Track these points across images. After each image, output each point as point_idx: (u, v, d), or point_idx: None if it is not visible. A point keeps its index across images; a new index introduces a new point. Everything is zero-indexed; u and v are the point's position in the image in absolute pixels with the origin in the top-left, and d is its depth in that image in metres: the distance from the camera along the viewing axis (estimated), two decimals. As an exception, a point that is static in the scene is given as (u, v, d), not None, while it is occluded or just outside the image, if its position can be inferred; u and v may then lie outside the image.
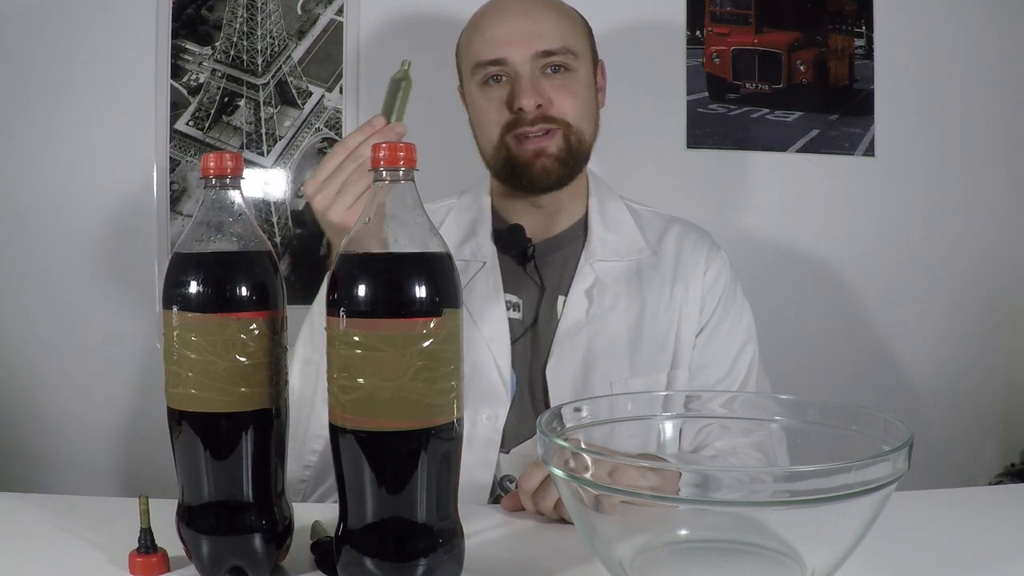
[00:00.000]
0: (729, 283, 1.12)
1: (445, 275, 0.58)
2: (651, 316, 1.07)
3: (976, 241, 1.73)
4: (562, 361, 1.05)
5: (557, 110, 1.02)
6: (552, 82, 1.03)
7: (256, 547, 0.63)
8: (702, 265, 1.11)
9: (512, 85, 1.02)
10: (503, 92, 1.03)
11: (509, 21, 1.03)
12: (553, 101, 1.02)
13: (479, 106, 1.06)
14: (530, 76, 1.01)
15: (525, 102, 1.00)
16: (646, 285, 1.08)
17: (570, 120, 1.03)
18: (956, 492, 0.89)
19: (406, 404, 0.56)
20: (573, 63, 1.04)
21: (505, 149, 1.04)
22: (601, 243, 1.10)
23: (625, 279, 1.08)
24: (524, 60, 1.01)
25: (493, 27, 1.04)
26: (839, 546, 0.55)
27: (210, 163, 0.63)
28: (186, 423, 0.62)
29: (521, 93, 1.00)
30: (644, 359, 1.05)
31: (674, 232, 1.14)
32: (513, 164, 1.04)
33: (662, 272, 1.10)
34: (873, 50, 1.66)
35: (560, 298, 1.08)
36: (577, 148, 1.05)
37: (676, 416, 0.75)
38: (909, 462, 0.54)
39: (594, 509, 0.57)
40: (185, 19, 1.54)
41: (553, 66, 1.03)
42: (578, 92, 1.04)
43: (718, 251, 1.14)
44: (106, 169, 1.54)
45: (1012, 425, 1.76)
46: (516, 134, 1.03)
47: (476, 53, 1.04)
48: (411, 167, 0.59)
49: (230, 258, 0.63)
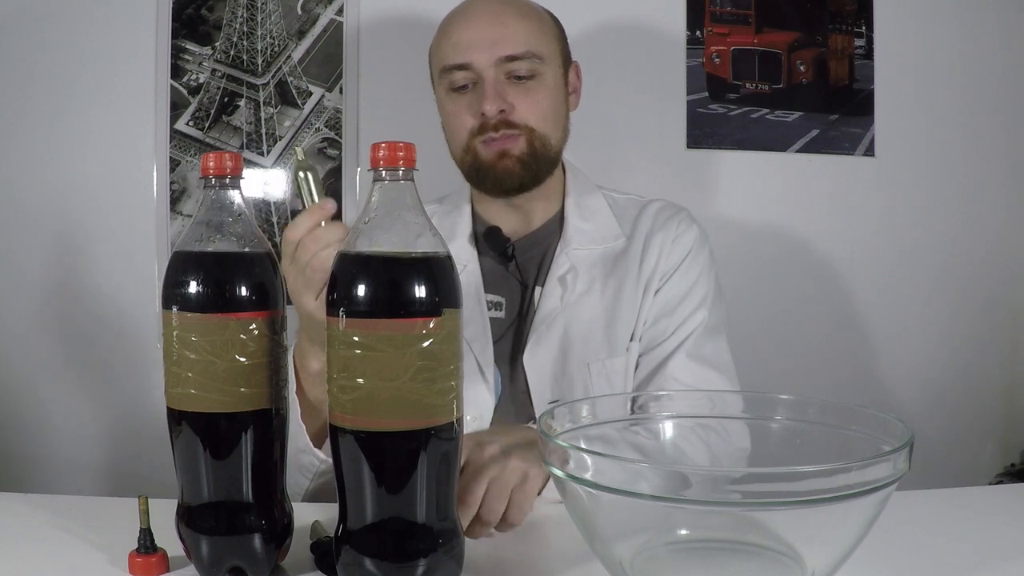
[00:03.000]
0: (694, 250, 1.10)
1: (445, 275, 0.58)
2: (626, 296, 1.07)
3: (976, 241, 1.72)
4: (539, 348, 1.06)
5: (519, 116, 1.03)
6: (516, 88, 1.03)
7: (256, 547, 0.63)
8: (672, 234, 1.11)
9: (477, 91, 1.03)
10: (470, 98, 1.04)
11: (475, 26, 1.04)
12: (516, 107, 1.03)
13: (448, 111, 1.08)
14: (494, 82, 1.02)
15: (488, 107, 1.01)
16: (620, 267, 1.09)
17: (533, 125, 1.04)
18: (956, 492, 0.89)
19: (406, 404, 0.56)
20: (539, 68, 1.04)
21: (472, 153, 1.05)
22: (577, 232, 1.11)
23: (601, 264, 1.09)
24: (488, 65, 1.02)
25: (459, 31, 1.05)
26: (839, 546, 0.55)
27: (210, 163, 0.63)
28: (186, 423, 0.62)
29: (485, 99, 1.01)
30: (620, 339, 1.06)
31: (649, 212, 1.14)
32: (479, 166, 1.05)
33: (634, 250, 1.10)
34: (873, 50, 1.66)
35: (537, 289, 1.09)
36: (542, 152, 1.06)
37: (677, 416, 0.75)
38: (909, 462, 0.54)
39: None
40: (185, 19, 1.54)
41: (517, 75, 1.03)
42: (542, 99, 1.05)
43: (690, 223, 1.13)
44: (106, 169, 1.54)
45: (1012, 425, 1.76)
46: (484, 139, 1.04)
47: (443, 57, 1.06)
48: (411, 167, 0.59)
49: (230, 258, 0.63)
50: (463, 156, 1.07)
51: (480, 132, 1.04)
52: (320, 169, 1.58)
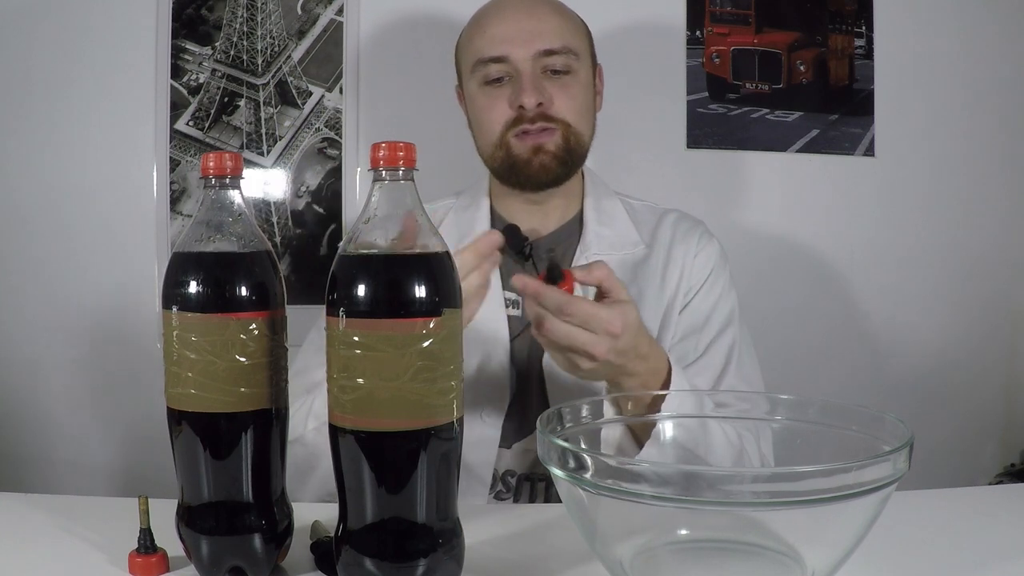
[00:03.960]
0: (717, 267, 1.12)
1: (445, 275, 0.58)
2: (645, 307, 1.07)
3: (976, 241, 1.73)
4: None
5: (557, 110, 1.03)
6: (553, 83, 1.04)
7: (256, 547, 0.63)
8: (693, 250, 1.12)
9: (514, 84, 1.03)
10: (505, 91, 1.04)
11: (511, 19, 1.04)
12: (554, 100, 1.03)
13: (480, 105, 1.07)
14: (532, 75, 1.02)
15: (526, 100, 1.01)
16: (640, 277, 1.09)
17: (569, 120, 1.04)
18: (956, 492, 0.89)
19: (406, 404, 0.56)
20: (574, 64, 1.04)
21: (505, 147, 1.05)
22: (596, 237, 1.11)
23: (620, 272, 1.08)
24: (526, 58, 1.02)
25: (495, 25, 1.04)
26: (839, 546, 0.55)
27: (210, 163, 0.63)
28: (186, 423, 0.62)
29: (523, 91, 1.01)
30: None
31: (667, 223, 1.15)
32: (512, 161, 1.05)
33: (654, 261, 1.10)
34: (873, 50, 1.66)
35: None
36: (575, 148, 1.06)
37: (677, 416, 0.76)
38: (909, 462, 0.54)
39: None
40: (185, 19, 1.54)
41: (554, 69, 1.03)
42: (578, 94, 1.05)
43: (710, 238, 1.15)
44: (106, 169, 1.55)
45: (1012, 425, 1.76)
46: (517, 132, 1.03)
47: (477, 50, 1.05)
48: (411, 167, 0.59)
49: (230, 258, 0.63)
50: (494, 151, 1.06)
51: (515, 124, 1.03)
52: (320, 169, 1.58)
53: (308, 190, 1.57)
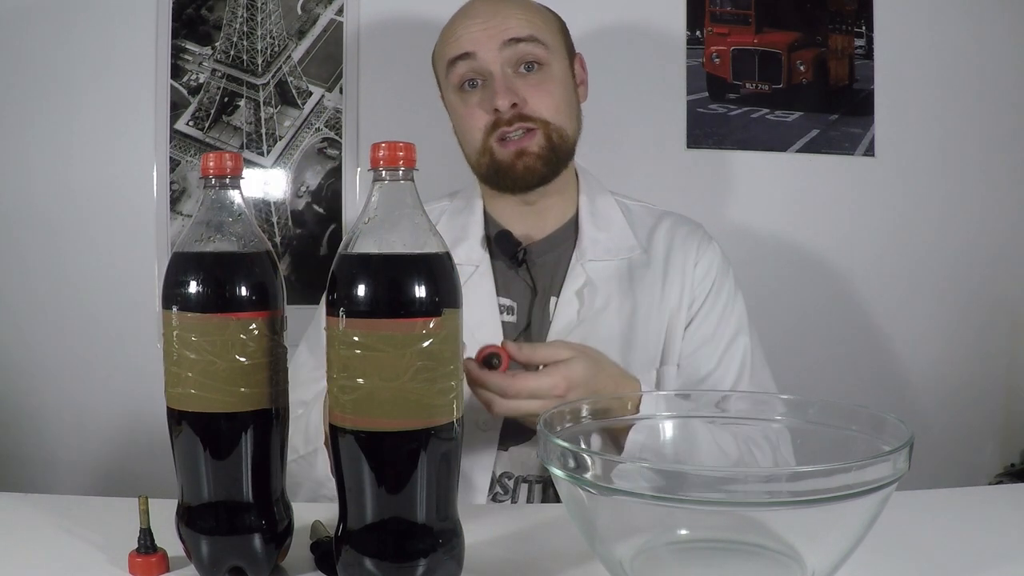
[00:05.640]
0: (720, 274, 1.11)
1: (444, 275, 0.58)
2: (643, 315, 1.07)
3: (977, 240, 1.73)
4: None
5: (533, 109, 1.02)
6: (526, 81, 1.03)
7: (256, 547, 0.63)
8: (692, 257, 1.11)
9: (487, 88, 1.03)
10: (480, 96, 1.04)
11: (476, 17, 1.04)
12: (528, 100, 1.02)
13: (459, 113, 1.07)
14: (502, 76, 1.02)
15: (500, 102, 1.00)
16: (638, 284, 1.08)
17: (548, 118, 1.03)
18: (956, 492, 0.89)
19: (406, 404, 0.56)
20: (544, 55, 1.03)
21: (489, 154, 1.04)
22: (592, 243, 1.10)
23: (617, 279, 1.08)
24: (492, 49, 1.01)
25: (461, 27, 1.05)
26: (839, 546, 0.55)
27: (210, 163, 0.63)
28: (186, 423, 0.62)
29: (496, 93, 1.01)
30: (637, 358, 1.05)
31: (664, 226, 1.14)
32: (497, 166, 1.04)
33: (653, 269, 1.10)
34: (873, 50, 1.66)
35: (552, 299, 1.08)
36: (559, 145, 1.05)
37: (678, 416, 0.75)
38: (909, 462, 0.54)
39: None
40: (185, 19, 1.54)
41: (526, 64, 1.03)
42: (553, 89, 1.04)
43: (709, 243, 1.14)
44: (106, 169, 1.54)
45: (1012, 425, 1.76)
46: (498, 136, 1.03)
47: (446, 52, 1.06)
48: (411, 167, 0.59)
49: (230, 258, 0.63)
50: (479, 158, 1.06)
51: (494, 128, 1.03)
52: (320, 169, 1.58)
53: (308, 190, 1.57)
